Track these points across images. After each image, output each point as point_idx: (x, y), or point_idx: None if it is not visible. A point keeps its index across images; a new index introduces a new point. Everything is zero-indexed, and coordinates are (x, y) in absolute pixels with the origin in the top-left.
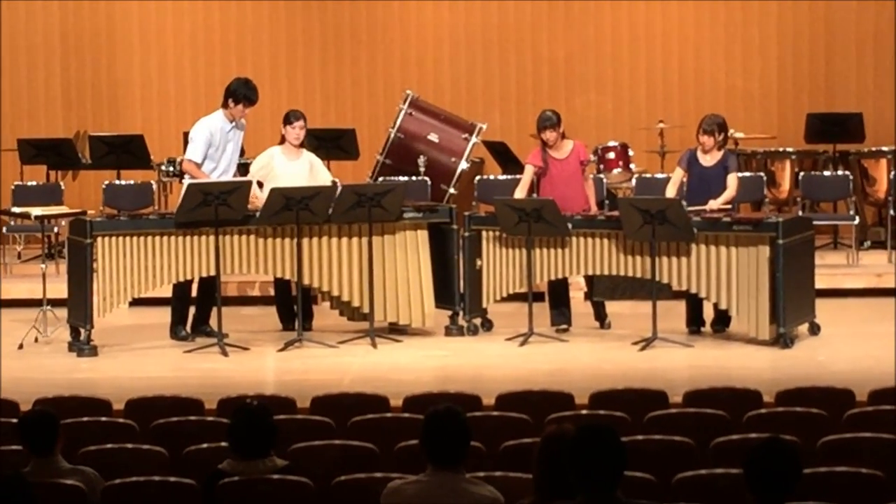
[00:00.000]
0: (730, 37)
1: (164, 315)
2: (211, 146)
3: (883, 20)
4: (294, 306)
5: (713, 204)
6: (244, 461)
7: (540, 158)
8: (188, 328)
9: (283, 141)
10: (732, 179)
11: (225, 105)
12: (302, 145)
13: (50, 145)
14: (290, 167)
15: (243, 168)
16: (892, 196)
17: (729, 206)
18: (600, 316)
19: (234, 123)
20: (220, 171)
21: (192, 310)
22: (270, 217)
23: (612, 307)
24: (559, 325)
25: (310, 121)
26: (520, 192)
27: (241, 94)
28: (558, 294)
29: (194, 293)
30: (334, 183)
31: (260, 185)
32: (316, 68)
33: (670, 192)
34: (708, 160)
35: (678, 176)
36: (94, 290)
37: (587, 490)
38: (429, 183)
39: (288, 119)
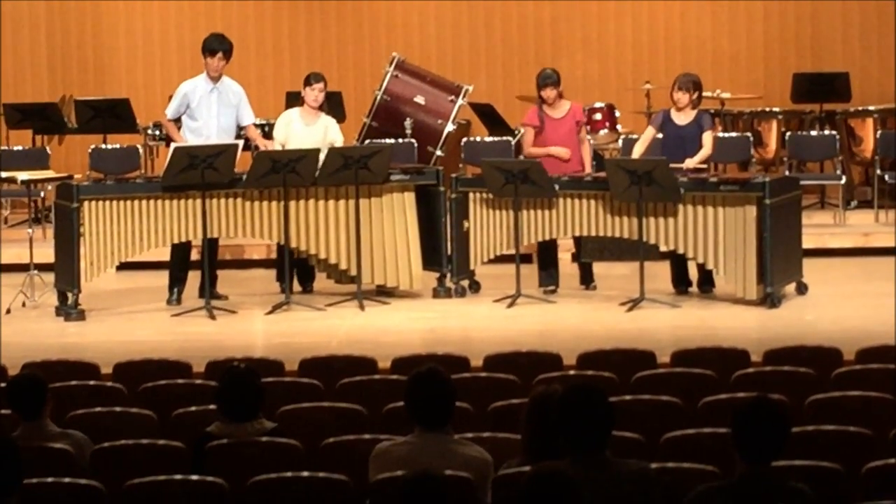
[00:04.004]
0: None
1: (152, 279)
2: (189, 105)
3: None
4: (292, 269)
5: (689, 163)
6: (232, 424)
7: (536, 117)
8: (179, 294)
9: (302, 102)
10: (708, 138)
11: (204, 65)
12: (322, 108)
13: (35, 110)
14: (305, 131)
15: (262, 128)
16: (878, 155)
17: (704, 165)
18: (586, 279)
19: (215, 84)
20: (206, 129)
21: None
22: (257, 180)
23: (599, 268)
24: (547, 287)
25: (295, 84)
26: (530, 150)
27: (205, 46)
28: (547, 255)
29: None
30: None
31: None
32: (302, 31)
33: (638, 150)
34: (682, 119)
35: (648, 135)
36: (81, 254)
37: (575, 450)
38: (415, 145)
39: (308, 81)
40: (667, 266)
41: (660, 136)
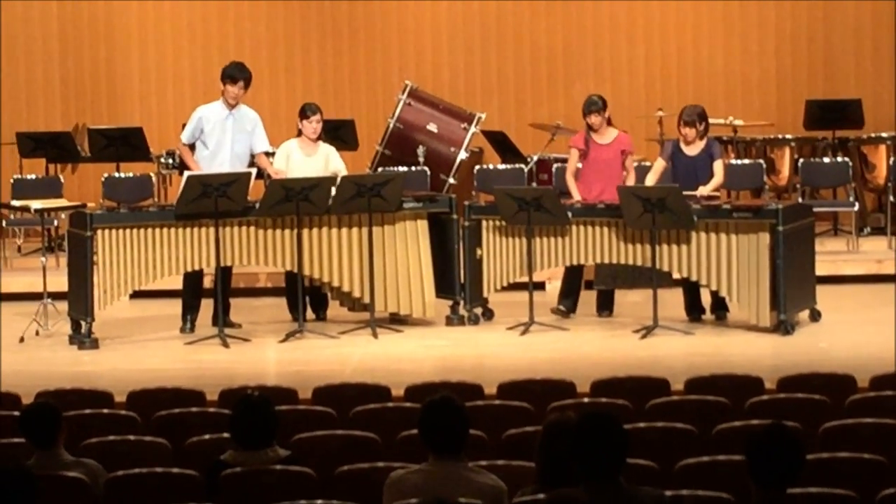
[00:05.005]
0: (728, 24)
1: (166, 307)
2: (203, 131)
3: (881, 5)
4: (305, 297)
5: (702, 190)
6: (246, 452)
7: (583, 141)
8: (193, 322)
9: (300, 133)
10: (719, 166)
11: (221, 92)
12: (319, 137)
13: (49, 138)
14: (305, 162)
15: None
16: (891, 182)
17: (717, 193)
18: (603, 306)
19: (231, 111)
20: (218, 157)
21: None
22: (270, 208)
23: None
24: (560, 307)
25: None
26: (568, 176)
27: (226, 73)
28: (575, 280)
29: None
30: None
31: None
32: (314, 59)
33: (649, 182)
34: (692, 150)
35: (659, 167)
36: (94, 282)
37: (590, 477)
38: (428, 173)
39: (304, 113)
40: (680, 293)
41: (670, 163)
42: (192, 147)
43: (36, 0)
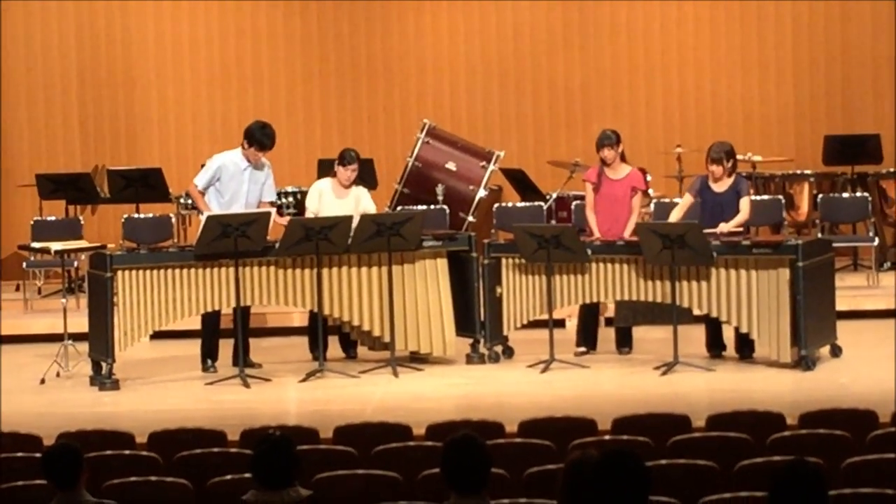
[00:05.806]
0: (746, 60)
1: (186, 347)
2: (219, 178)
3: None
4: (327, 336)
5: (724, 227)
6: (268, 492)
7: (595, 175)
8: (213, 362)
9: (335, 174)
10: (745, 203)
11: (243, 145)
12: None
13: (68, 180)
14: (336, 203)
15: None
16: None
17: (741, 229)
18: (622, 342)
19: (251, 164)
20: (233, 207)
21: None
22: (290, 248)
23: (633, 332)
24: (581, 349)
25: (327, 151)
26: (588, 211)
27: (254, 138)
28: (591, 318)
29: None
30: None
31: None
32: (333, 99)
33: (675, 217)
34: (720, 186)
35: (686, 202)
36: (114, 323)
37: None
38: (447, 211)
39: (342, 159)
40: (700, 329)
41: (698, 199)
42: (202, 192)
43: (55, 43)
